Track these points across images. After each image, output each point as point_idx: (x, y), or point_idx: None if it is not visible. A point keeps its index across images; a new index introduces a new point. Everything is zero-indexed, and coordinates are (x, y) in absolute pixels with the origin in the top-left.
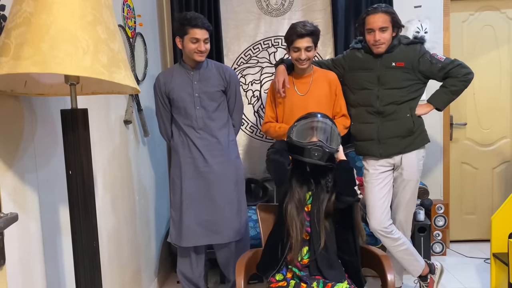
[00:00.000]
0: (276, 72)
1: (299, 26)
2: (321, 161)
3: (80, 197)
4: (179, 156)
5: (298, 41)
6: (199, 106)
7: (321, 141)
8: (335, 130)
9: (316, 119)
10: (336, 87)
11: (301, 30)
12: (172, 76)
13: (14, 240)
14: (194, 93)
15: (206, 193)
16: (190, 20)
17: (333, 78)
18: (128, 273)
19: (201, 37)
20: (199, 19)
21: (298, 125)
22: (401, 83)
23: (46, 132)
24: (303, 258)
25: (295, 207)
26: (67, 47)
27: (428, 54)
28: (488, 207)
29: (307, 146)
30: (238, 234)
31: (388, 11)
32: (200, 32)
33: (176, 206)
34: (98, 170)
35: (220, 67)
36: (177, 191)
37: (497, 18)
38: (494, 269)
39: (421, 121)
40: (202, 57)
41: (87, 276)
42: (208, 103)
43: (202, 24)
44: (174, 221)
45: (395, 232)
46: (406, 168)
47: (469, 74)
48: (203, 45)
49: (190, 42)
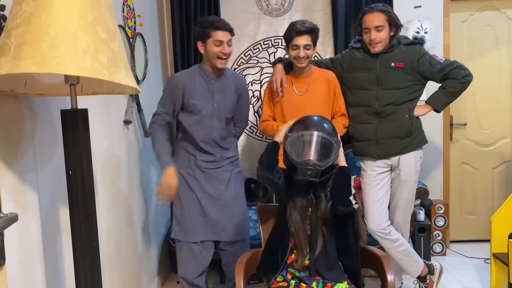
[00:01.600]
0: (274, 71)
1: (298, 23)
2: (314, 178)
3: (80, 197)
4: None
5: (297, 38)
6: (216, 117)
7: (313, 161)
8: (332, 140)
9: (309, 132)
10: (335, 87)
11: (300, 28)
12: (194, 82)
13: (14, 240)
14: (214, 103)
15: (213, 191)
16: (212, 23)
17: (332, 77)
18: (128, 273)
19: (225, 39)
20: (222, 21)
21: (292, 136)
22: (400, 84)
23: (46, 132)
24: (304, 260)
25: (299, 214)
26: (67, 47)
27: (427, 55)
28: (488, 207)
29: (299, 165)
30: (246, 233)
31: (384, 10)
32: (223, 34)
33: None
34: (98, 170)
35: (236, 77)
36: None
37: (497, 18)
38: (494, 269)
39: (419, 122)
40: (224, 65)
41: (87, 276)
42: (224, 114)
43: (224, 26)
44: (178, 217)
45: (393, 233)
46: (403, 169)
47: (468, 76)
48: (227, 47)
49: (214, 45)
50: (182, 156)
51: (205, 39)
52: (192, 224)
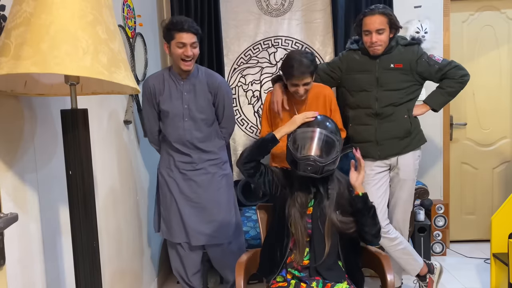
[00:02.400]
0: (274, 92)
1: (296, 62)
2: (315, 174)
3: (80, 197)
4: (167, 156)
5: (296, 79)
6: (188, 118)
7: (314, 157)
8: (333, 137)
9: (312, 129)
10: (330, 103)
11: (300, 69)
12: (163, 84)
13: (14, 240)
14: (184, 104)
15: (191, 194)
16: (175, 24)
17: (328, 93)
18: (128, 273)
19: (188, 41)
20: (186, 23)
21: (295, 133)
22: (400, 85)
23: (46, 132)
24: (303, 259)
25: (298, 211)
26: (67, 47)
27: (425, 56)
28: (488, 207)
29: (300, 160)
30: (229, 237)
31: (385, 13)
32: (187, 36)
33: (163, 203)
34: (98, 170)
35: (209, 75)
36: (164, 187)
37: (497, 18)
38: (494, 269)
39: (417, 122)
40: (188, 66)
41: (87, 276)
42: (197, 114)
43: (188, 28)
44: (163, 217)
45: (391, 232)
46: (402, 168)
47: (465, 76)
48: (190, 49)
49: (177, 46)
50: (164, 157)
51: (170, 41)
52: (172, 225)
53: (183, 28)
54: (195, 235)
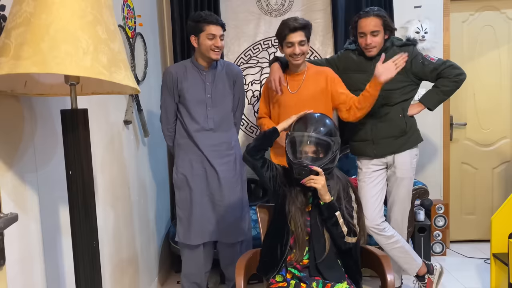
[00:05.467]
0: (271, 70)
1: (290, 20)
2: None
3: (80, 197)
4: (186, 154)
5: (291, 35)
6: (211, 107)
7: (307, 162)
8: (328, 139)
9: (306, 134)
10: (333, 77)
11: (294, 24)
12: (186, 73)
13: (14, 240)
14: (206, 94)
15: (214, 192)
16: (205, 17)
17: (329, 71)
18: (128, 273)
19: (217, 33)
20: (214, 16)
21: (290, 136)
22: (394, 85)
23: (46, 132)
24: (303, 259)
25: (298, 209)
26: (67, 47)
27: (420, 56)
28: (488, 207)
29: (294, 165)
30: (243, 235)
31: (379, 15)
32: (216, 29)
33: (183, 204)
34: (98, 170)
35: (228, 65)
36: (185, 188)
37: (497, 18)
38: (494, 269)
39: (413, 121)
40: (218, 55)
41: (87, 276)
42: (219, 104)
43: (217, 21)
44: (182, 219)
45: (388, 230)
46: (399, 167)
47: (461, 75)
48: (219, 41)
49: (207, 38)
50: (180, 157)
51: (198, 33)
52: (194, 226)
53: (212, 21)
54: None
